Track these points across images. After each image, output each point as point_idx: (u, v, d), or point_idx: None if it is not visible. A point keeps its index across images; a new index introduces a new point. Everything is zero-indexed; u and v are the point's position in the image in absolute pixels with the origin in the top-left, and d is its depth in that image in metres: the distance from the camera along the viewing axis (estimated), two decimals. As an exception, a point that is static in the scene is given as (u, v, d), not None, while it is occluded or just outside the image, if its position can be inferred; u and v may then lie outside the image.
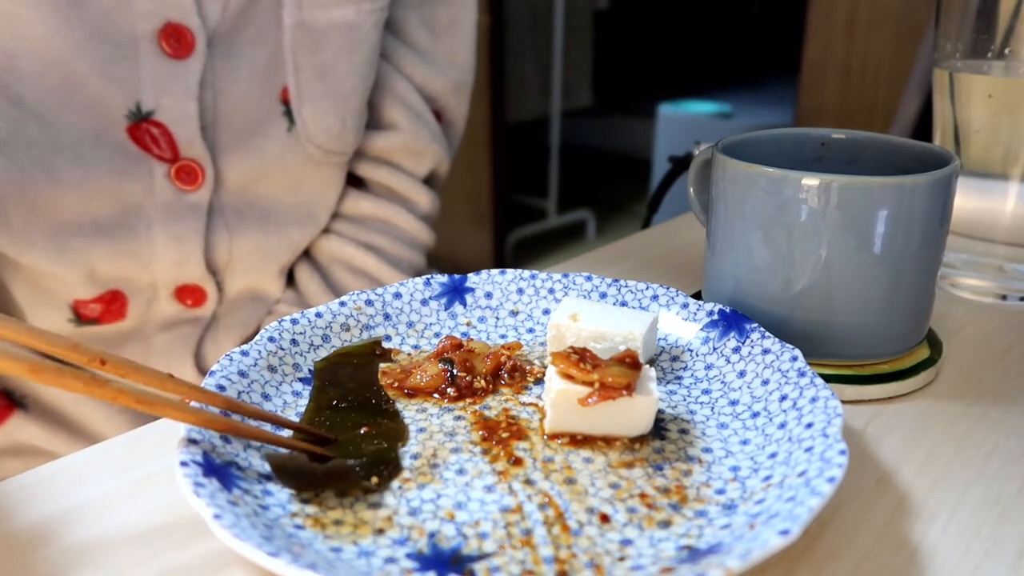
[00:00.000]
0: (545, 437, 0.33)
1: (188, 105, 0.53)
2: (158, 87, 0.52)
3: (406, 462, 0.32)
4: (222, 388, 0.33)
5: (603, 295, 0.43)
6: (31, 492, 0.31)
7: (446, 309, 0.43)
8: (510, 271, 0.44)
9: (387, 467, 0.31)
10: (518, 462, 0.31)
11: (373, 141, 0.64)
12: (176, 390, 0.30)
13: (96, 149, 0.51)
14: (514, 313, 0.44)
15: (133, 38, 0.50)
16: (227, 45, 0.54)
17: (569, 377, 0.33)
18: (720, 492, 0.30)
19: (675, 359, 0.39)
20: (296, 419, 0.34)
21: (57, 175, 0.50)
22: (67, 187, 0.51)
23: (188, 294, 0.58)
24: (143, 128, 0.52)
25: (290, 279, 0.65)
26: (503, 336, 0.42)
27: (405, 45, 0.64)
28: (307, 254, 0.65)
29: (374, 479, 0.30)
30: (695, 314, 0.41)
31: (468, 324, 0.43)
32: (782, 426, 0.32)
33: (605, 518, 0.28)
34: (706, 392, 0.37)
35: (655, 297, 0.42)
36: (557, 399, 0.32)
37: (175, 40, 0.51)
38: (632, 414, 0.32)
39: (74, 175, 0.51)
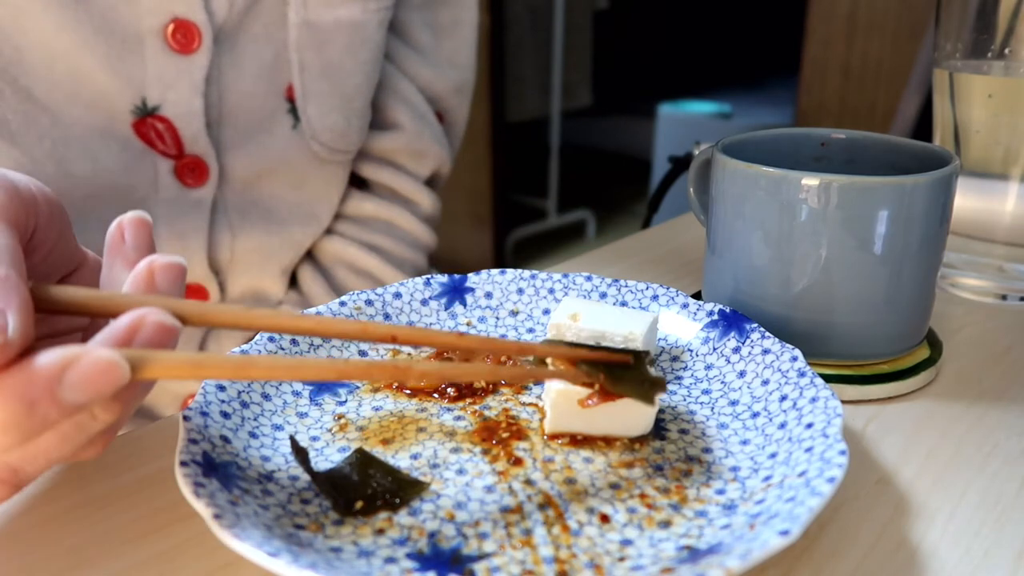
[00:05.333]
0: (545, 437, 0.33)
1: (194, 101, 0.53)
2: (164, 82, 0.52)
3: (406, 463, 0.32)
4: (221, 388, 0.33)
5: (603, 295, 0.43)
6: (31, 492, 0.31)
7: (446, 309, 0.43)
8: (510, 271, 0.44)
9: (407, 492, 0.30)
10: (518, 462, 0.31)
11: (376, 142, 0.64)
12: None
13: (104, 144, 0.51)
14: (514, 313, 0.44)
15: (139, 33, 0.50)
16: (233, 41, 0.54)
17: (569, 377, 0.33)
18: (720, 492, 0.30)
19: (675, 359, 0.39)
20: (298, 419, 0.34)
21: (69, 168, 0.50)
22: (78, 181, 0.51)
23: (190, 293, 0.58)
24: (148, 123, 0.52)
25: (293, 281, 0.65)
26: (503, 336, 0.42)
27: (408, 46, 0.65)
28: (310, 255, 0.65)
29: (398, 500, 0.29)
30: (695, 314, 0.41)
31: (468, 324, 0.43)
32: (782, 426, 0.32)
33: (605, 518, 0.28)
34: (706, 392, 0.37)
35: (655, 297, 0.42)
36: (557, 400, 0.32)
37: (182, 35, 0.51)
38: (632, 415, 0.32)
39: (85, 169, 0.51)
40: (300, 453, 0.30)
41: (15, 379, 0.22)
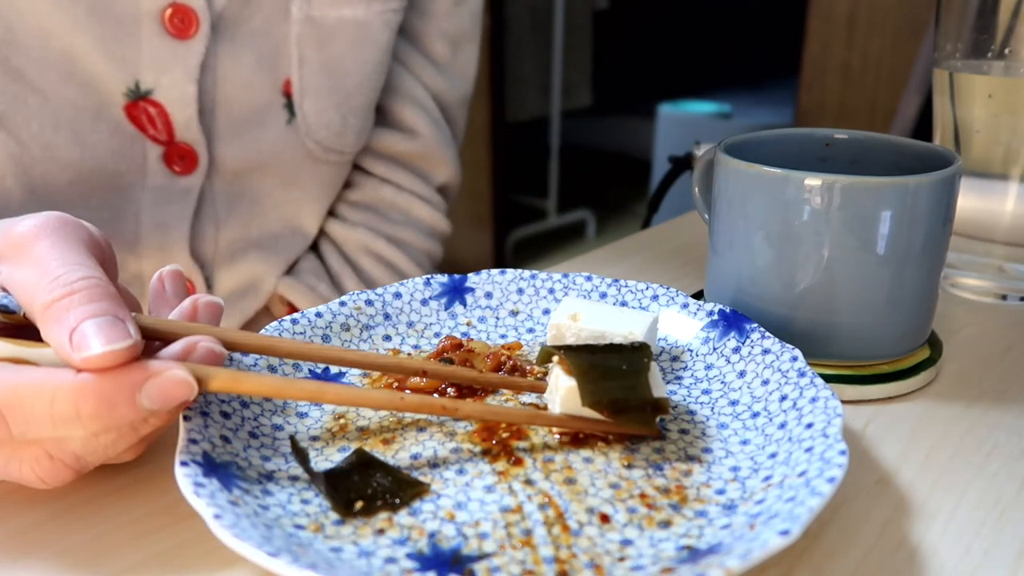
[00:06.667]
0: (544, 436, 0.33)
1: (187, 87, 0.53)
2: (158, 66, 0.52)
3: (406, 463, 0.32)
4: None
5: (603, 295, 0.43)
6: (31, 492, 0.31)
7: (446, 309, 0.43)
8: (510, 271, 0.44)
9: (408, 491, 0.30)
10: (518, 462, 0.31)
11: (394, 143, 0.64)
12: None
13: (94, 128, 0.51)
14: (514, 313, 0.43)
15: (136, 15, 0.50)
16: (232, 31, 0.54)
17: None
18: (720, 492, 0.30)
19: (675, 359, 0.39)
20: (298, 419, 0.34)
21: (56, 152, 0.50)
22: (65, 165, 0.51)
23: None
24: (140, 107, 0.52)
25: (293, 272, 0.65)
26: (503, 336, 0.42)
27: (423, 56, 0.65)
28: (313, 248, 0.65)
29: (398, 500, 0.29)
30: (695, 314, 0.41)
31: (468, 324, 0.43)
32: (782, 426, 0.32)
33: (605, 518, 0.28)
34: (706, 392, 0.37)
35: (655, 297, 0.42)
36: (567, 396, 0.32)
37: (179, 20, 0.51)
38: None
39: (72, 153, 0.51)
40: (300, 453, 0.30)
41: (105, 382, 0.26)
